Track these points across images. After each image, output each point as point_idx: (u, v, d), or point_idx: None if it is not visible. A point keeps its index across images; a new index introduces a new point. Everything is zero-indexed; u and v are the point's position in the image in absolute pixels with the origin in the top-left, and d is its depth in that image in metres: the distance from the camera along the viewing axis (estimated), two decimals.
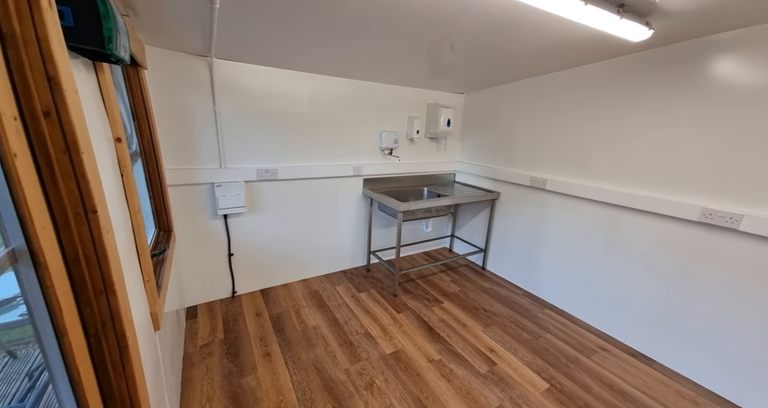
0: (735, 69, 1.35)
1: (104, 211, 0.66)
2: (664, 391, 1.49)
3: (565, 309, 2.14)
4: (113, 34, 0.75)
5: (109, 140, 0.87)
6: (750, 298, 1.37)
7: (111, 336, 0.70)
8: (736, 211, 1.37)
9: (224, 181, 1.94)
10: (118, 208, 0.84)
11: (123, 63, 0.86)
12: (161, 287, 1.14)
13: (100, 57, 0.79)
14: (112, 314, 0.69)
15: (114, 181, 0.84)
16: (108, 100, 0.88)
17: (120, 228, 0.82)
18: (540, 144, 2.23)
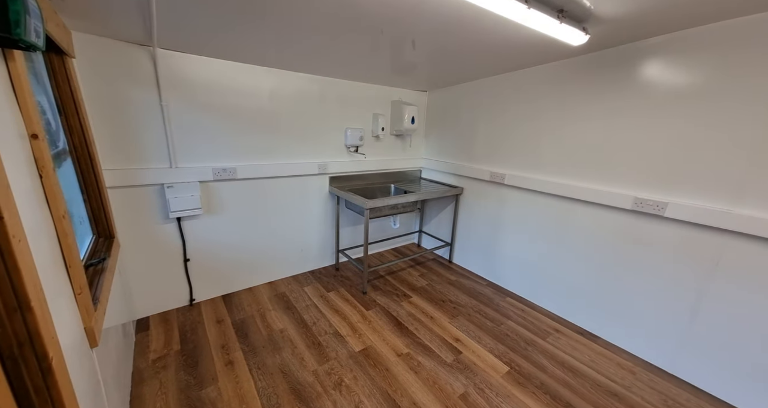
0: (659, 71, 1.52)
1: (13, 217, 0.58)
2: (607, 364, 1.65)
3: (524, 296, 2.29)
4: (21, 18, 0.66)
5: (23, 137, 0.76)
6: (675, 275, 1.56)
7: (30, 358, 0.63)
8: (662, 200, 1.55)
9: (176, 182, 1.81)
10: (36, 213, 0.74)
11: (36, 49, 0.76)
12: (99, 300, 1.03)
13: (7, 43, 0.69)
14: (30, 333, 0.61)
15: (30, 183, 0.74)
16: (21, 92, 0.78)
17: (39, 236, 0.73)
18: (498, 141, 2.34)
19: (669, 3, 1.18)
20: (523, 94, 2.12)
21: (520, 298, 2.27)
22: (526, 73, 2.08)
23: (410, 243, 3.31)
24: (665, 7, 1.22)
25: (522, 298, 2.28)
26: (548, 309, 2.14)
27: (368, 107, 2.61)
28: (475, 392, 1.44)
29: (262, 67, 2.02)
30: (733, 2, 1.18)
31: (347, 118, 2.49)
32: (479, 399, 1.41)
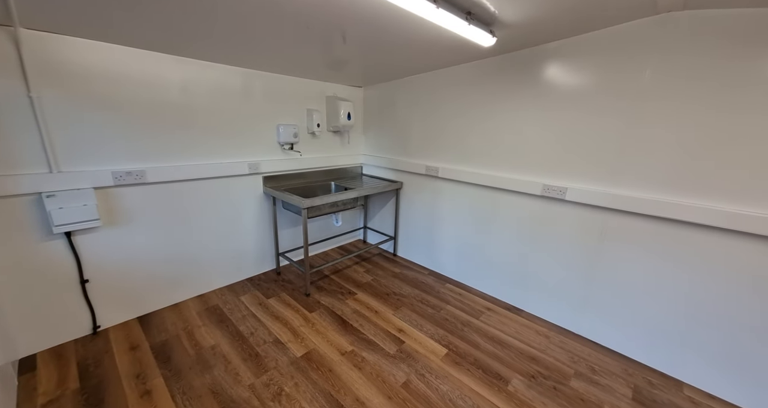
0: (556, 73, 1.73)
1: None
2: (528, 333, 1.87)
3: (461, 280, 2.46)
4: None
5: None
6: (574, 249, 1.82)
7: None
8: (563, 185, 1.79)
9: (59, 190, 1.50)
10: None
11: None
12: None
13: None
14: None
15: None
16: None
17: None
18: (432, 135, 2.45)
19: (558, 12, 1.35)
20: (451, 92, 2.24)
21: (458, 283, 2.44)
22: (452, 71, 2.19)
23: (356, 240, 3.31)
24: (556, 15, 1.39)
25: (459, 282, 2.45)
26: (481, 290, 2.33)
27: (301, 103, 2.49)
28: (416, 378, 1.50)
29: (170, 56, 1.78)
30: (611, 10, 1.40)
31: (278, 113, 2.35)
32: (420, 384, 1.47)
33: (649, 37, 1.42)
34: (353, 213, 3.21)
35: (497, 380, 1.51)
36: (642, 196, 1.52)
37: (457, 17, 1.22)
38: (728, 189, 1.32)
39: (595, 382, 1.52)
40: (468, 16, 1.28)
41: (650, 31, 1.41)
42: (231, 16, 1.33)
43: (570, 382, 1.51)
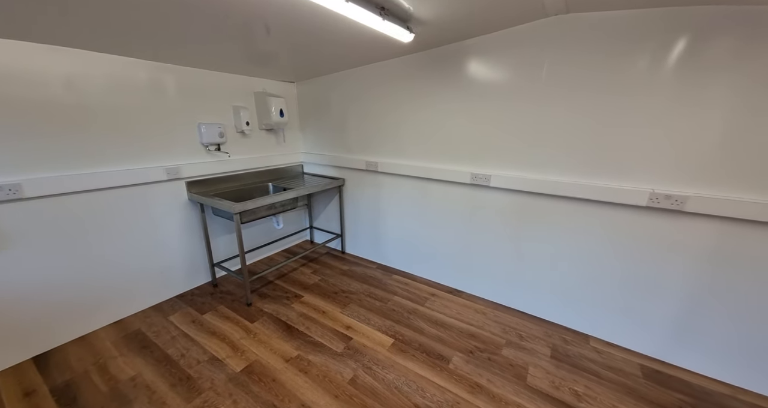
0: (476, 68, 1.84)
1: None
2: (468, 312, 2.02)
3: (407, 270, 2.55)
4: None
5: None
6: (502, 230, 1.99)
7: None
8: (488, 173, 1.94)
9: None
10: None
11: None
12: None
13: None
14: None
15: None
16: None
17: None
18: (369, 131, 2.45)
19: (464, 13, 1.43)
20: (383, 87, 2.25)
21: (404, 273, 2.52)
22: (383, 66, 2.21)
23: (303, 241, 3.21)
24: (464, 16, 1.47)
25: (405, 272, 2.53)
26: (426, 277, 2.44)
27: (226, 99, 2.30)
28: (363, 373, 1.52)
29: (46, 45, 1.49)
30: (509, 13, 1.52)
31: (198, 112, 2.14)
32: (367, 377, 1.50)
33: (545, 36, 1.58)
34: (297, 214, 3.10)
35: (439, 361, 1.60)
36: (553, 178, 1.72)
37: (369, 12, 1.22)
38: (614, 169, 1.56)
39: (522, 347, 1.70)
40: (382, 12, 1.29)
41: (546, 30, 1.58)
42: (134, 3, 1.16)
43: (502, 351, 1.67)
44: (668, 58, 1.34)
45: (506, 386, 1.44)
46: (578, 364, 1.58)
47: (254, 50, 1.88)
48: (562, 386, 1.45)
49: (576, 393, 1.41)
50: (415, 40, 1.72)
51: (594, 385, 1.45)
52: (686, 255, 1.46)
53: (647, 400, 1.38)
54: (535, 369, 1.55)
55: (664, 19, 1.31)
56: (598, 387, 1.44)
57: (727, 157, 1.30)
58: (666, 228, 1.48)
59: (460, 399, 1.38)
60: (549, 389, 1.43)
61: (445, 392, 1.41)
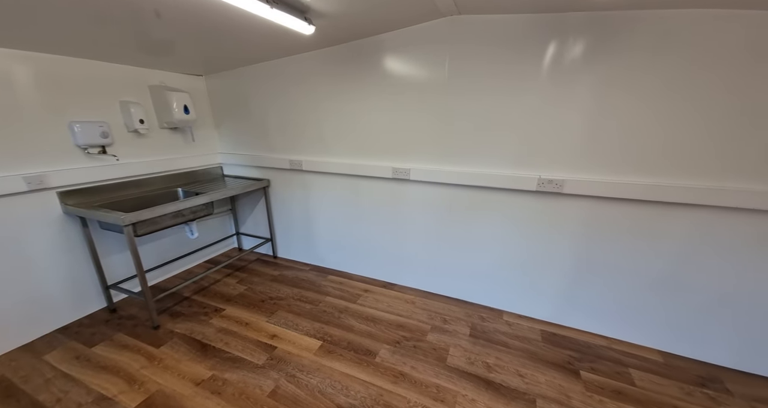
0: (391, 63, 1.85)
1: None
2: (398, 304, 2.07)
3: (342, 269, 2.52)
4: None
5: None
6: (425, 221, 2.08)
7: None
8: (407, 167, 1.99)
9: None
10: None
11: None
12: None
13: None
14: None
15: None
16: None
17: None
18: (291, 128, 2.34)
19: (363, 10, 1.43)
20: (303, 81, 2.15)
21: (339, 272, 2.49)
22: (301, 60, 2.09)
23: (229, 249, 2.95)
24: (362, 12, 1.47)
25: (340, 271, 2.50)
26: (361, 274, 2.44)
27: (111, 94, 1.96)
28: (286, 382, 1.45)
29: None
30: (408, 13, 1.56)
31: (70, 108, 1.78)
32: (290, 387, 1.43)
33: (445, 35, 1.66)
34: (221, 220, 2.83)
35: (366, 356, 1.61)
36: (464, 170, 1.83)
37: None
38: (511, 159, 1.72)
39: (445, 330, 1.81)
40: (270, 0, 1.21)
41: (444, 29, 1.66)
42: None
43: (427, 337, 1.75)
44: (544, 60, 1.51)
45: (427, 370, 1.51)
46: (492, 338, 1.73)
47: (145, 37, 1.63)
48: (476, 361, 1.57)
49: (487, 365, 1.54)
50: (322, 33, 1.67)
51: (503, 355, 1.60)
52: (567, 230, 1.69)
53: (544, 361, 1.57)
54: (455, 349, 1.65)
55: (540, 24, 1.47)
56: (506, 356, 1.60)
57: (589, 145, 1.53)
58: (551, 208, 1.69)
59: (384, 391, 1.40)
60: (465, 365, 1.54)
61: (369, 387, 1.42)
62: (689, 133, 1.36)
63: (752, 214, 1.34)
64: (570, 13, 1.40)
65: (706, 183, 1.37)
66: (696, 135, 1.35)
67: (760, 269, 1.38)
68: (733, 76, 1.25)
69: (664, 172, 1.43)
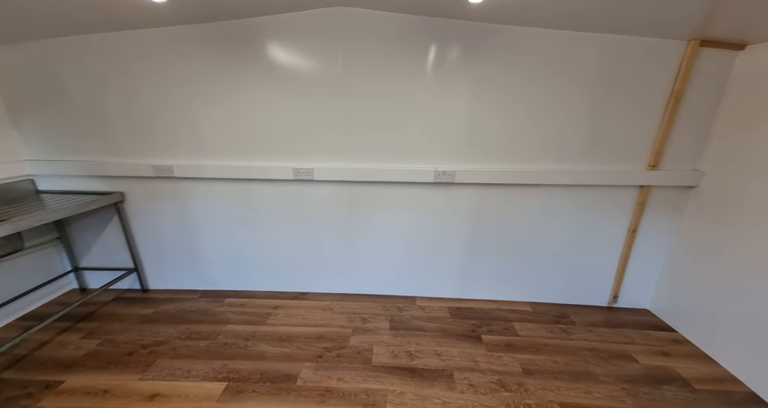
0: (278, 51, 1.64)
1: None
2: (315, 313, 1.93)
3: (242, 288, 2.17)
4: None
5: None
6: (333, 222, 1.98)
7: None
8: (310, 167, 1.84)
9: None
10: None
11: None
12: None
13: None
14: None
15: None
16: None
17: None
18: (149, 124, 1.81)
19: None
20: (167, 63, 1.68)
21: (239, 293, 2.13)
22: (154, 35, 1.62)
23: (64, 292, 2.12)
24: None
25: (241, 291, 2.15)
26: (267, 290, 2.16)
27: None
28: None
29: None
30: None
31: None
32: None
33: (336, 25, 1.58)
34: (42, 256, 1.98)
35: (286, 382, 1.43)
36: (369, 166, 1.81)
37: None
38: (412, 153, 1.80)
39: (367, 329, 1.79)
40: None
41: (334, 19, 1.57)
42: None
43: (349, 342, 1.69)
44: (429, 61, 1.62)
45: (354, 377, 1.46)
46: (410, 326, 1.82)
47: None
48: (399, 353, 1.61)
49: (410, 353, 1.61)
50: (183, 6, 1.32)
51: (421, 340, 1.71)
52: (460, 214, 1.91)
53: (454, 334, 1.75)
54: (378, 346, 1.66)
55: (423, 26, 1.56)
56: (424, 339, 1.71)
57: (472, 140, 1.75)
58: (447, 196, 1.87)
59: None
60: (390, 360, 1.56)
61: None
62: (538, 129, 1.71)
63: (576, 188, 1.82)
64: (444, 19, 1.54)
65: (550, 167, 1.77)
66: (542, 130, 1.71)
67: (583, 226, 1.89)
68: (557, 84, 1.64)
69: (525, 160, 1.77)
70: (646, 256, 1.89)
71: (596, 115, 1.65)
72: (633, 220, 1.82)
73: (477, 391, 1.38)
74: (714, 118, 1.61)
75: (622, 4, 1.25)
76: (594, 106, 1.64)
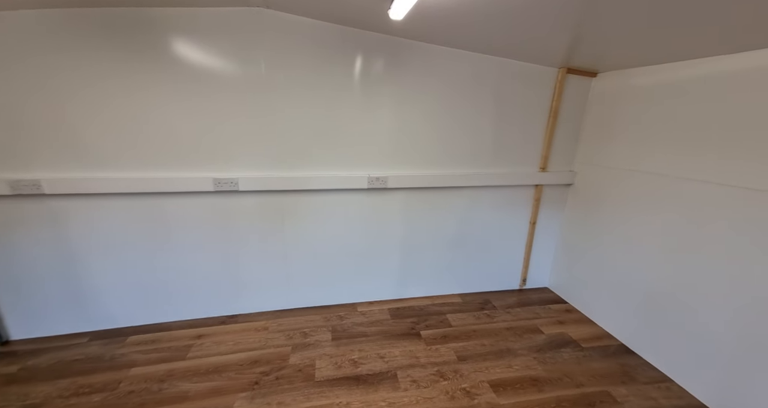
0: (188, 49, 1.47)
1: None
2: (248, 336, 1.76)
3: (153, 321, 1.84)
4: None
5: None
6: (261, 235, 1.84)
7: None
8: (234, 177, 1.67)
9: None
10: None
11: None
12: None
13: None
14: None
15: None
16: None
17: None
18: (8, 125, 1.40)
19: None
20: (36, 55, 1.32)
21: (149, 328, 1.80)
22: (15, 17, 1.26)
23: None
24: None
25: (150, 325, 1.82)
26: (186, 319, 1.88)
27: None
28: None
29: None
30: None
31: None
32: None
33: (256, 27, 1.49)
34: None
35: None
36: (298, 174, 1.74)
37: None
38: (344, 160, 1.80)
39: (308, 344, 1.71)
40: None
41: (255, 20, 1.48)
42: None
43: (289, 361, 1.59)
44: (356, 70, 1.66)
45: (297, 398, 1.38)
46: (352, 333, 1.81)
47: None
48: (343, 363, 1.59)
49: (353, 361, 1.60)
50: None
51: (364, 345, 1.71)
52: (394, 217, 1.99)
53: (395, 335, 1.81)
54: (321, 360, 1.60)
55: (348, 36, 1.59)
56: (367, 345, 1.72)
57: (400, 147, 1.85)
58: (380, 201, 1.93)
59: None
60: (334, 372, 1.52)
61: None
62: (458, 138, 1.90)
63: (491, 188, 2.08)
64: (370, 31, 1.60)
65: (469, 171, 1.98)
66: (461, 138, 1.91)
67: (498, 221, 2.16)
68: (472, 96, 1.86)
69: (449, 165, 1.95)
70: (543, 243, 2.28)
71: (501, 125, 1.93)
72: (533, 214, 2.17)
73: (419, 386, 1.45)
74: (580, 130, 2.05)
75: (505, 36, 1.50)
76: (499, 118, 1.91)
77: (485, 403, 1.37)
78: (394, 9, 1.20)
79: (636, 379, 1.52)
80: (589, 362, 1.63)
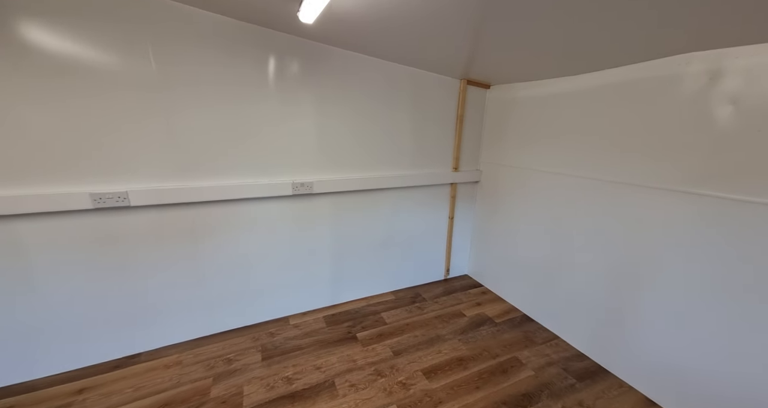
0: (46, 35, 1.15)
1: None
2: (153, 377, 1.50)
3: (12, 382, 1.41)
4: None
5: None
6: (164, 256, 1.60)
7: None
8: (122, 190, 1.40)
9: None
10: None
11: None
12: None
13: None
14: None
15: None
16: None
17: None
18: None
19: None
20: None
21: (5, 391, 1.37)
22: None
23: None
24: None
25: (8, 387, 1.39)
26: (63, 371, 1.50)
27: None
28: None
29: None
30: None
31: None
32: None
33: (144, 18, 1.28)
34: None
35: None
36: (218, 184, 1.56)
37: None
38: (261, 167, 1.68)
39: (234, 371, 1.55)
40: None
41: (133, 3, 1.27)
42: None
43: (210, 394, 1.41)
44: (269, 72, 1.57)
45: None
46: (285, 349, 1.71)
47: None
48: (276, 383, 1.49)
49: (287, 379, 1.51)
50: None
51: (299, 359, 1.64)
52: (323, 223, 1.96)
53: (332, 342, 1.78)
54: (250, 385, 1.47)
55: (254, 34, 1.49)
56: (302, 358, 1.65)
57: (323, 151, 1.83)
58: (307, 207, 1.88)
59: None
60: (265, 395, 1.41)
61: None
62: (380, 141, 1.97)
63: (413, 188, 2.22)
64: (281, 32, 1.54)
65: (392, 173, 2.08)
66: (383, 142, 1.99)
67: (422, 218, 2.33)
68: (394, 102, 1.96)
69: (372, 168, 2.01)
70: (461, 235, 2.55)
71: (418, 129, 2.08)
72: (450, 209, 2.41)
73: (357, 389, 1.46)
74: (482, 134, 2.36)
75: (412, 48, 1.64)
76: (416, 123, 2.06)
77: (419, 391, 1.46)
78: (303, 12, 1.19)
79: (534, 341, 1.82)
80: (502, 334, 1.89)
